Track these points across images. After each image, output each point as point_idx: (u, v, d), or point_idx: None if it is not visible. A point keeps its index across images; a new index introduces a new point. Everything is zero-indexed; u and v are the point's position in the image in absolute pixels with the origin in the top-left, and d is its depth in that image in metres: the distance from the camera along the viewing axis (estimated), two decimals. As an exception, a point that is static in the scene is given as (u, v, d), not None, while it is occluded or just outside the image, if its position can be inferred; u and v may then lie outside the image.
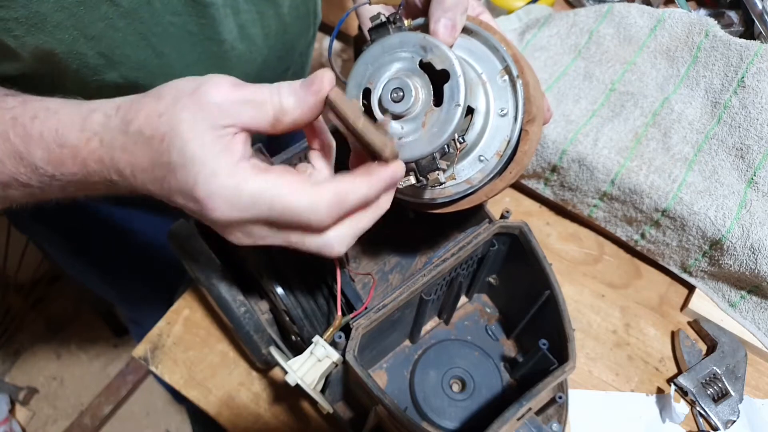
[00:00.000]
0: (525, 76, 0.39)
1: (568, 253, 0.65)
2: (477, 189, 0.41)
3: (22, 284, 1.47)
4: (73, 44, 0.39)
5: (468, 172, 0.41)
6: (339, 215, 0.30)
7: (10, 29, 0.37)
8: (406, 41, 0.37)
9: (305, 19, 0.57)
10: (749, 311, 0.58)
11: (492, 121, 0.40)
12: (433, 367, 0.52)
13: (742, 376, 0.55)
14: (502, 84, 0.40)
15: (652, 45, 0.67)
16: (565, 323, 0.43)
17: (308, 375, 0.41)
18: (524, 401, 0.39)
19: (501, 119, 0.40)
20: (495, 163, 0.40)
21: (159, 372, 0.55)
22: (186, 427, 1.38)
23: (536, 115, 0.39)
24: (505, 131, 0.40)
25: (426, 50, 0.36)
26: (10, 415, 1.30)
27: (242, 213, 0.29)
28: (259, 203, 0.29)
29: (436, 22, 0.39)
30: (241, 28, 0.48)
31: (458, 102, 0.35)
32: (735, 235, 0.55)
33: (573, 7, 0.84)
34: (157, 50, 0.44)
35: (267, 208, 0.29)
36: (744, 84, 0.61)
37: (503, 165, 0.40)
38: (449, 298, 0.52)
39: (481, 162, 0.40)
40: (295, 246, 0.32)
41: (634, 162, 0.59)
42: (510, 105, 0.40)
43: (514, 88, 0.39)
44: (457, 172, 0.41)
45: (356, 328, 0.42)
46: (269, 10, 0.50)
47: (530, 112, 0.39)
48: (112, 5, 0.39)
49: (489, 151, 0.40)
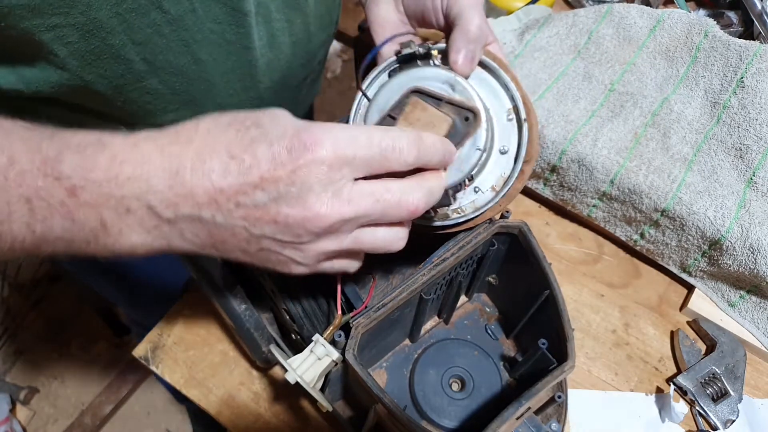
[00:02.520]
0: (530, 119, 0.41)
1: (568, 252, 0.65)
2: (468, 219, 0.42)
3: (23, 284, 1.47)
4: (122, 49, 0.40)
5: (461, 201, 0.42)
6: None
7: (65, 36, 0.37)
8: (436, 76, 0.38)
9: (327, 28, 0.58)
10: (748, 311, 0.58)
11: (493, 156, 0.42)
12: (432, 366, 0.52)
13: (742, 376, 0.56)
14: (508, 122, 0.42)
15: (651, 45, 0.67)
16: (565, 323, 0.43)
17: (308, 373, 0.41)
18: (523, 400, 0.39)
19: (501, 156, 0.42)
20: (490, 196, 0.42)
21: (159, 371, 0.56)
22: (186, 426, 1.38)
23: (533, 156, 0.41)
24: (504, 168, 0.42)
25: (454, 89, 0.38)
26: (11, 414, 1.31)
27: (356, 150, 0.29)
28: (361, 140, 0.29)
29: (457, 53, 0.40)
30: (272, 37, 0.49)
31: (479, 146, 0.37)
32: (734, 235, 0.55)
33: (572, 7, 0.84)
34: (196, 57, 0.45)
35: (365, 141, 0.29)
36: (743, 84, 0.61)
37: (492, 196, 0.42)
38: (449, 298, 0.52)
39: (476, 193, 0.42)
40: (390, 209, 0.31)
41: (634, 162, 0.60)
42: (512, 144, 0.41)
43: (519, 129, 0.41)
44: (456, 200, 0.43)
45: (356, 327, 0.42)
46: (297, 19, 0.51)
47: (530, 153, 0.41)
48: (161, 12, 0.40)
49: (485, 184, 0.42)
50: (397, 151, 0.30)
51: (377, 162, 0.30)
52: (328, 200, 0.29)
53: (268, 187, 0.28)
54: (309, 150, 0.28)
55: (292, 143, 0.28)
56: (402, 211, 0.31)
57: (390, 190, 0.31)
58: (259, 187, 0.28)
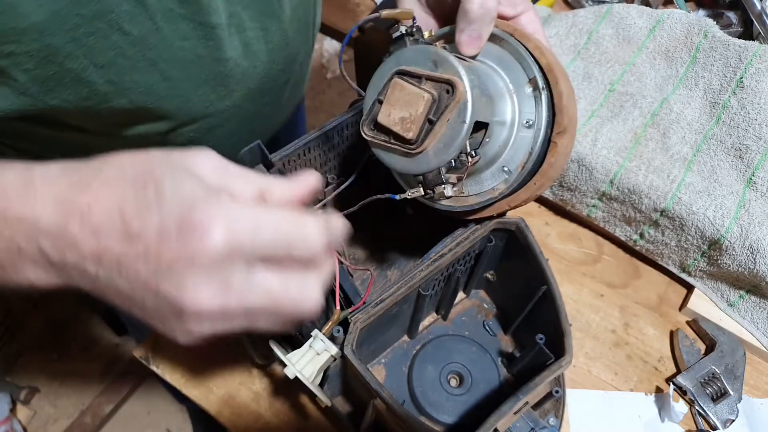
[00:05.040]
0: (558, 86, 0.38)
1: (568, 252, 0.65)
2: (499, 200, 0.41)
3: (25, 284, 1.47)
4: (83, 72, 0.39)
5: (491, 183, 0.41)
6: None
7: (21, 63, 0.36)
8: (420, 55, 0.37)
9: (306, 30, 0.58)
10: (748, 311, 0.58)
11: (517, 132, 0.39)
12: (431, 362, 0.52)
13: (741, 376, 0.55)
14: (529, 95, 0.40)
15: (651, 45, 0.68)
16: (562, 318, 0.43)
17: (307, 368, 0.41)
18: (521, 395, 0.39)
19: (527, 130, 0.39)
20: (518, 174, 0.39)
21: (160, 371, 0.56)
22: (187, 426, 1.38)
23: (568, 126, 0.38)
24: (531, 144, 0.39)
25: (437, 65, 0.36)
26: (12, 414, 1.31)
27: (256, 239, 0.26)
28: (263, 225, 0.27)
29: (460, 33, 0.39)
30: (246, 46, 0.48)
31: (464, 119, 0.35)
32: (734, 234, 0.55)
33: (572, 7, 0.85)
34: (165, 74, 0.44)
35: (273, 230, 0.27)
36: (743, 84, 0.61)
37: (526, 176, 0.40)
38: (447, 294, 0.52)
39: (504, 173, 0.40)
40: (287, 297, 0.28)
41: (633, 162, 0.60)
42: (536, 116, 0.39)
43: (539, 99, 0.39)
44: (481, 182, 0.41)
45: (354, 322, 0.42)
46: (273, 26, 0.50)
47: (561, 124, 0.38)
48: (123, 34, 0.39)
49: (513, 163, 0.40)
50: (306, 242, 0.28)
51: (281, 252, 0.27)
52: (210, 290, 0.26)
53: (150, 260, 0.26)
54: (199, 234, 0.25)
55: (184, 220, 0.25)
56: (296, 312, 0.29)
57: (289, 289, 0.28)
58: (141, 258, 0.26)
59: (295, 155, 0.50)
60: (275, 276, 0.28)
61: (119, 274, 0.27)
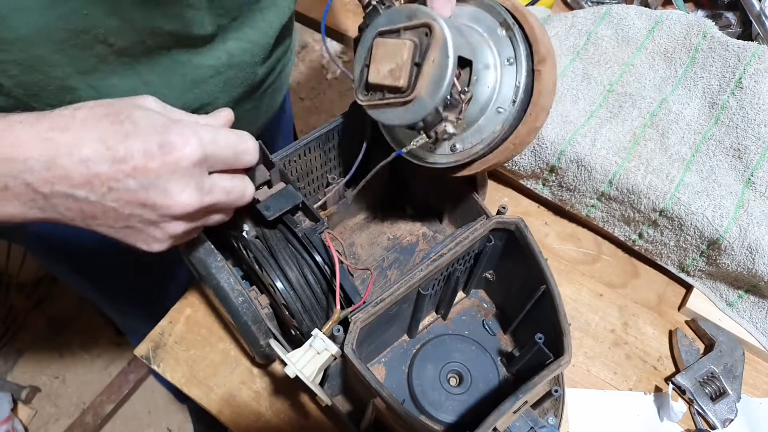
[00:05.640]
0: (528, 22, 0.40)
1: (567, 252, 0.65)
2: (501, 139, 0.41)
3: (24, 284, 1.48)
4: (67, 80, 0.41)
5: (491, 127, 0.42)
6: None
7: (7, 70, 0.38)
8: (394, 15, 0.39)
9: (284, 39, 0.59)
10: (747, 310, 0.59)
11: (501, 72, 0.41)
12: (430, 362, 0.52)
13: (740, 375, 0.56)
14: (503, 36, 0.41)
15: (650, 46, 0.68)
16: (561, 317, 0.43)
17: (307, 367, 0.41)
18: (520, 394, 0.39)
19: (510, 68, 0.41)
20: (511, 109, 0.41)
21: (161, 371, 0.56)
22: (188, 425, 1.38)
23: (546, 55, 0.40)
24: (515, 77, 0.41)
25: (411, 17, 0.38)
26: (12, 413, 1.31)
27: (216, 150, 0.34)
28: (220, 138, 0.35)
29: None
30: (230, 55, 0.50)
31: (447, 54, 0.36)
32: (732, 234, 0.55)
33: (571, 8, 0.85)
34: (145, 79, 0.46)
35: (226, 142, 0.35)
36: (741, 85, 0.62)
37: (519, 110, 0.41)
38: (446, 293, 0.53)
39: (500, 113, 0.41)
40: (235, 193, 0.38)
41: (632, 162, 0.60)
42: (514, 52, 0.41)
43: (514, 37, 0.41)
44: (481, 130, 0.42)
45: (354, 321, 0.42)
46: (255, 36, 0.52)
47: (539, 53, 0.40)
48: (107, 45, 0.41)
49: (505, 101, 0.41)
50: (246, 154, 0.37)
51: (230, 161, 0.37)
52: (190, 191, 0.34)
53: (139, 176, 0.32)
54: (177, 148, 0.32)
55: (163, 139, 0.32)
56: (243, 202, 0.39)
57: (236, 186, 0.38)
58: (131, 176, 0.32)
59: (296, 155, 0.50)
60: (227, 178, 0.37)
61: (109, 193, 0.32)
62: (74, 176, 0.31)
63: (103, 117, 0.32)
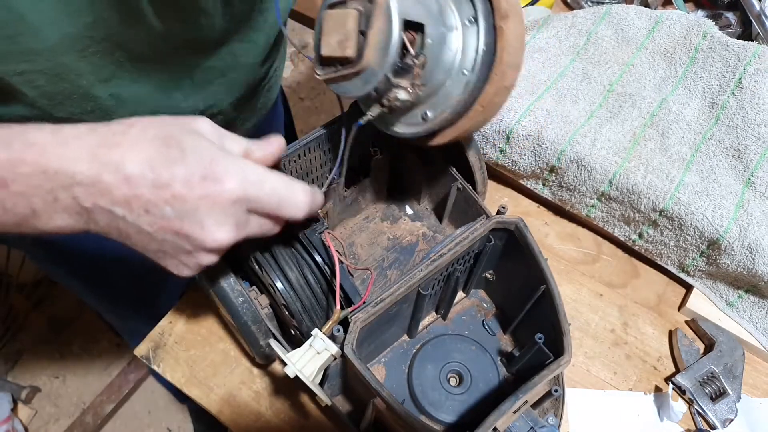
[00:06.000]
0: None
1: (567, 252, 0.65)
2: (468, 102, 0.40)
3: (25, 284, 1.48)
4: (90, 88, 0.42)
5: (456, 91, 0.40)
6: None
7: (33, 80, 0.39)
8: None
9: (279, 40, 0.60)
10: (747, 310, 0.59)
11: (463, 33, 0.40)
12: (430, 362, 0.52)
13: (740, 375, 0.56)
14: None
15: (650, 46, 0.68)
16: (561, 317, 0.43)
17: (307, 367, 0.41)
18: (520, 394, 0.39)
19: (471, 28, 0.40)
20: (473, 69, 0.40)
21: (161, 371, 0.56)
22: (187, 425, 1.38)
23: (509, 10, 0.38)
24: (476, 36, 0.40)
25: None
26: (12, 413, 1.31)
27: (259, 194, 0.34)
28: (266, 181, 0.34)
29: None
30: (234, 57, 0.51)
31: (390, 18, 0.35)
32: (732, 235, 0.55)
33: (571, 8, 0.85)
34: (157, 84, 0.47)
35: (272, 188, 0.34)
36: (741, 85, 0.62)
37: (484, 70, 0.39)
38: (446, 293, 0.53)
39: (464, 75, 0.40)
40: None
41: (632, 162, 0.60)
42: (475, 11, 0.39)
43: None
44: (448, 94, 0.41)
45: (354, 321, 0.42)
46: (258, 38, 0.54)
47: (500, 9, 0.38)
48: (125, 51, 0.42)
49: (468, 62, 0.40)
50: (292, 206, 0.36)
51: (272, 209, 0.35)
52: (227, 228, 0.33)
53: (176, 204, 0.32)
54: (219, 182, 0.32)
55: (207, 172, 0.32)
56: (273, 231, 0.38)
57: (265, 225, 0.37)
58: (169, 203, 0.32)
59: (296, 155, 0.50)
60: (262, 222, 0.36)
61: (145, 215, 0.32)
62: (115, 193, 0.31)
63: (154, 139, 0.32)
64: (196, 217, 0.32)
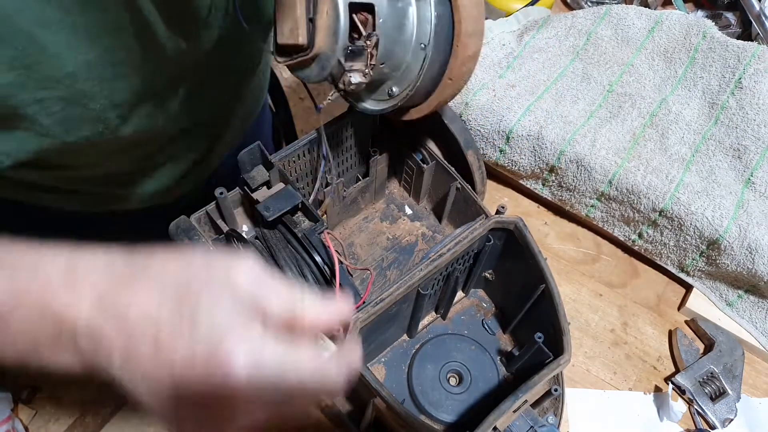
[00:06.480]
0: None
1: (566, 252, 0.65)
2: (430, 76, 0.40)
3: (27, 284, 1.48)
4: (102, 112, 0.42)
5: (417, 65, 0.40)
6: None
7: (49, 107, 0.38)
8: None
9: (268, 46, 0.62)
10: (746, 310, 0.59)
11: (417, 6, 0.39)
12: (430, 361, 0.52)
13: (740, 375, 0.56)
14: None
15: (649, 46, 0.68)
16: (560, 317, 0.43)
17: (306, 367, 0.41)
18: (520, 393, 0.39)
19: (424, 1, 0.39)
20: (430, 41, 0.39)
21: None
22: (187, 426, 1.38)
23: None
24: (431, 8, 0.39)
25: None
26: (13, 413, 1.31)
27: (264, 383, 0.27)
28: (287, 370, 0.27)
29: None
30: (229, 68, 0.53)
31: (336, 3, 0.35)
32: (732, 235, 0.55)
33: (571, 9, 0.85)
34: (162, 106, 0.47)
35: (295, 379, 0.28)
36: (741, 85, 0.62)
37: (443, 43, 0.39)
38: (446, 293, 0.53)
39: (423, 50, 0.39)
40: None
41: (632, 162, 0.60)
42: None
43: None
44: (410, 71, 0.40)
45: (354, 321, 0.42)
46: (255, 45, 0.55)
47: None
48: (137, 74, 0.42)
49: (425, 36, 0.39)
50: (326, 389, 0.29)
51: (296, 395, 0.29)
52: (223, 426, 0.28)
53: (175, 380, 0.27)
54: (223, 369, 0.26)
55: (212, 354, 0.27)
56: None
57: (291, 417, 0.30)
58: (167, 372, 0.27)
59: (295, 156, 0.50)
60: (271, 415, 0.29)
61: (141, 375, 0.28)
62: (115, 343, 0.28)
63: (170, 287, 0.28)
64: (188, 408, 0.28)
